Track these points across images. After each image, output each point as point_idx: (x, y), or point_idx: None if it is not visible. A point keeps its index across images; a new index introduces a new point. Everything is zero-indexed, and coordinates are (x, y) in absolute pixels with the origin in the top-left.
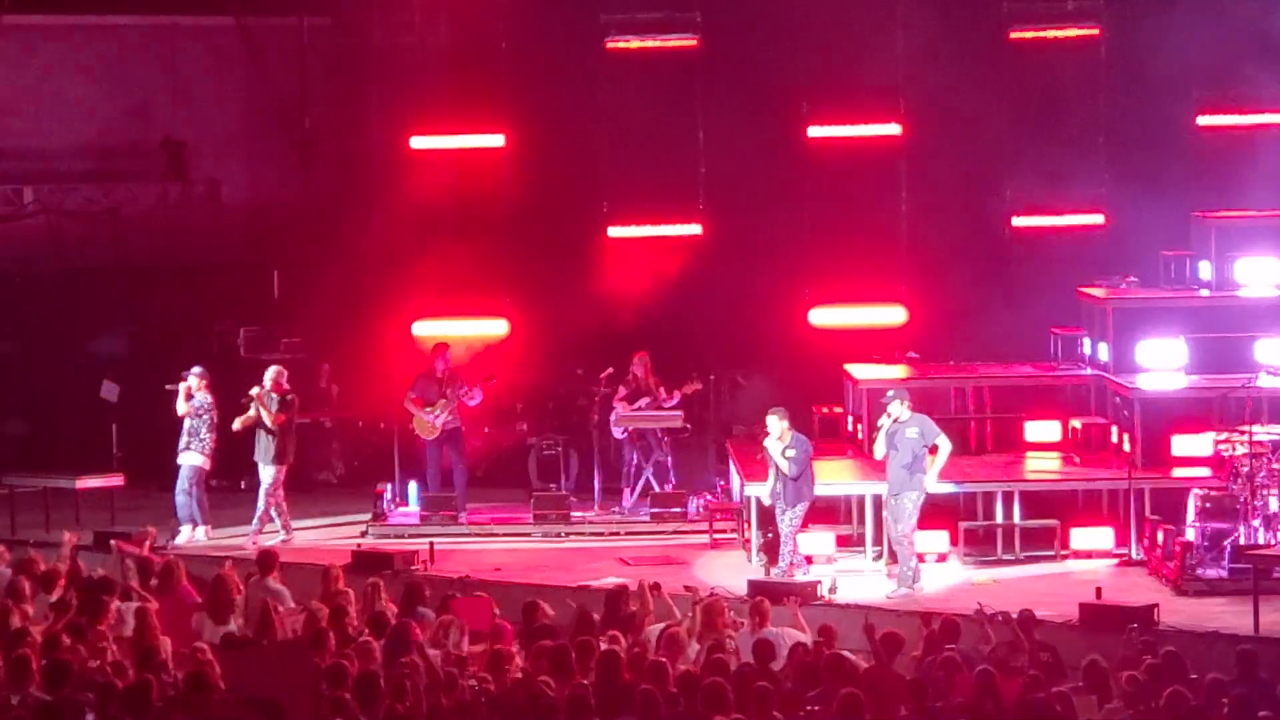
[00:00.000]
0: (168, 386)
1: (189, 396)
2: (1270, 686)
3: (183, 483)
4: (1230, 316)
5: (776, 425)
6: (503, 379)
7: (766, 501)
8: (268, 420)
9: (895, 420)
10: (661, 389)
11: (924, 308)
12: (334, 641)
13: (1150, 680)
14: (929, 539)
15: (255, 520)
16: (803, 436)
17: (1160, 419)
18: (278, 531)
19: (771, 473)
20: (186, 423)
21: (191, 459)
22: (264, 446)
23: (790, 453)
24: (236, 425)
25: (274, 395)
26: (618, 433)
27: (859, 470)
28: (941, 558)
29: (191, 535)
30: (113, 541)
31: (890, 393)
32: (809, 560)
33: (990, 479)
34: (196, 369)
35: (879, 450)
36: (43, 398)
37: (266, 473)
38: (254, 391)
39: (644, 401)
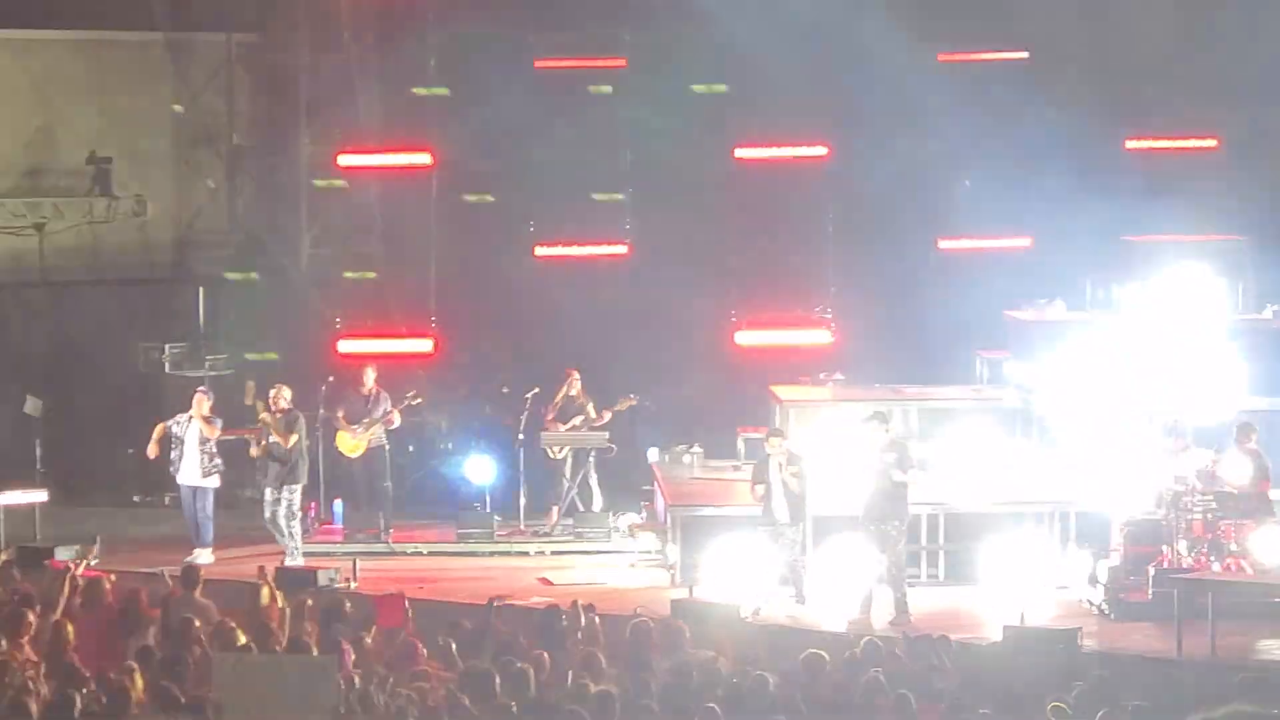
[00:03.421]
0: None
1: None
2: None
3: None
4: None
5: (779, 446)
6: (428, 397)
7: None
8: (280, 442)
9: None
10: (591, 406)
11: (850, 329)
12: None
13: (1077, 706)
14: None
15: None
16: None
17: (1085, 442)
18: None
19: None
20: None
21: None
22: (274, 469)
23: (794, 469)
24: (254, 451)
25: (280, 416)
26: (551, 452)
27: None
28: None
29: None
30: (46, 562)
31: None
32: None
33: (915, 501)
34: (201, 388)
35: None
36: None
37: (286, 493)
38: (265, 416)
39: (576, 420)
